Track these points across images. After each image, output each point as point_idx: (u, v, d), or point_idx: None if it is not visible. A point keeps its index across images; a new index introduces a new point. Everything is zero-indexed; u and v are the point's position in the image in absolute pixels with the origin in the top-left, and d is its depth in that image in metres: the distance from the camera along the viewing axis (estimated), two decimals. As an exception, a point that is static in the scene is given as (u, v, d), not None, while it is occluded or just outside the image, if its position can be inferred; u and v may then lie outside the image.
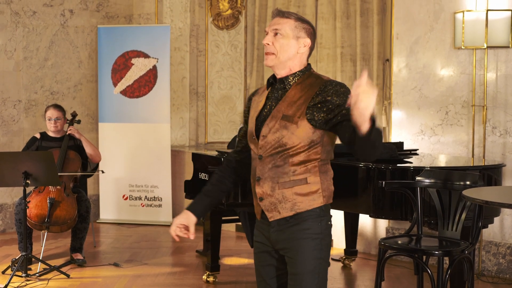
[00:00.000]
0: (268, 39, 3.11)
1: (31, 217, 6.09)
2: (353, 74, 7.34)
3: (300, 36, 3.11)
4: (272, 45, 3.10)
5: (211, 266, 5.91)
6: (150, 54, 8.29)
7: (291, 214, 3.04)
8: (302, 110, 3.01)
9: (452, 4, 6.41)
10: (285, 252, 3.08)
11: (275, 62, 3.11)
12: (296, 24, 3.11)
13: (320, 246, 3.04)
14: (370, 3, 7.19)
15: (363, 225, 6.88)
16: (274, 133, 3.04)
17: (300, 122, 3.00)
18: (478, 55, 6.25)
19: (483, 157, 6.20)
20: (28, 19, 8.04)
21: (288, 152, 3.03)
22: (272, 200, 3.08)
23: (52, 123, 6.53)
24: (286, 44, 3.09)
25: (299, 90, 3.07)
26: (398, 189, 4.97)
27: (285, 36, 3.09)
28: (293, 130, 3.01)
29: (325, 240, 3.06)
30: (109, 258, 6.68)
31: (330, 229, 3.10)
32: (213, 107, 8.67)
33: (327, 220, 3.08)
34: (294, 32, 3.10)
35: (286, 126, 3.02)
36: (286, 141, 3.02)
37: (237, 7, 8.53)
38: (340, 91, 2.99)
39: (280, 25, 3.10)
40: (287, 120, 3.03)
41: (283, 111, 3.05)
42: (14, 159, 5.69)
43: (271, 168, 3.06)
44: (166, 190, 8.30)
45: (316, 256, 3.04)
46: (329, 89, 3.00)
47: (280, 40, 3.10)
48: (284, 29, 3.09)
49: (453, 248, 4.53)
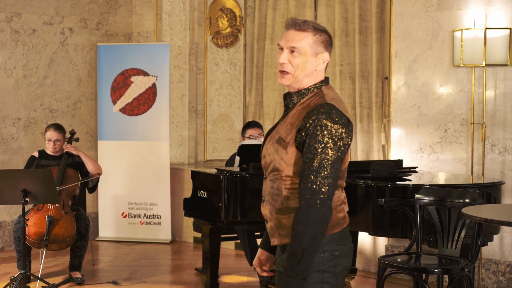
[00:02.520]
0: (284, 58, 2.85)
1: (29, 235, 6.07)
2: (352, 92, 7.35)
3: (318, 52, 2.85)
4: (289, 63, 2.85)
5: (210, 284, 5.89)
6: (149, 72, 8.31)
7: (288, 242, 2.82)
8: (292, 134, 2.80)
9: (450, 22, 6.43)
10: None
11: (292, 81, 2.87)
12: (315, 38, 2.84)
13: (322, 279, 2.80)
14: (368, 22, 7.22)
15: (363, 242, 6.86)
16: (269, 156, 2.87)
17: (289, 147, 2.80)
18: (476, 73, 6.26)
19: (482, 175, 6.20)
20: (27, 37, 8.06)
21: (281, 177, 2.84)
22: (272, 224, 2.93)
23: (51, 144, 6.53)
24: (304, 62, 2.84)
25: (298, 111, 2.84)
26: (398, 206, 4.97)
27: (303, 54, 2.83)
28: (282, 155, 2.81)
29: (329, 272, 2.81)
30: (108, 276, 6.66)
31: (338, 259, 2.84)
32: (212, 125, 8.68)
33: (332, 250, 2.82)
34: (312, 49, 2.84)
35: (278, 150, 2.83)
36: (277, 166, 2.84)
37: (236, 26, 8.56)
38: (319, 122, 2.74)
39: (297, 42, 2.83)
40: (279, 143, 2.83)
41: (280, 133, 2.85)
42: (13, 177, 5.68)
43: (270, 191, 2.91)
44: (165, 208, 8.28)
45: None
46: (315, 115, 2.76)
47: (297, 58, 2.83)
48: (302, 46, 2.83)
49: (452, 266, 4.52)
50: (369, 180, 5.29)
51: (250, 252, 6.20)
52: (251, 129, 6.60)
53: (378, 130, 7.15)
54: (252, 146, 5.95)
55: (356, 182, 5.29)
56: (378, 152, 7.16)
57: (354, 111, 7.32)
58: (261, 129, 6.61)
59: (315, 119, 2.73)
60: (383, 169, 5.54)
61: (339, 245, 2.86)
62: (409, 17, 6.69)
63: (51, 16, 8.23)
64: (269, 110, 8.08)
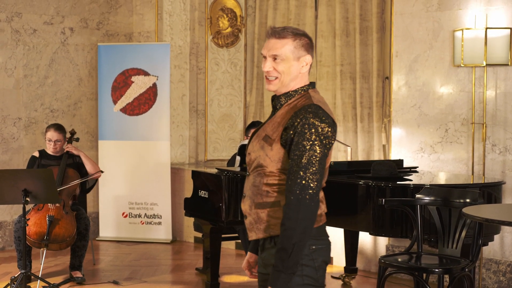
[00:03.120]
0: (269, 66, 2.97)
1: (30, 235, 6.08)
2: (353, 92, 7.35)
3: (300, 56, 2.97)
4: (274, 70, 2.97)
5: (211, 284, 5.89)
6: (150, 72, 8.31)
7: (266, 236, 2.95)
8: (278, 132, 2.92)
9: (451, 22, 6.43)
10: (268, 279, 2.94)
11: (279, 86, 2.99)
12: (295, 43, 2.95)
13: (302, 272, 2.88)
14: (369, 21, 7.22)
15: (363, 242, 6.86)
16: (254, 152, 2.98)
17: (275, 144, 2.91)
18: (477, 73, 6.26)
19: (483, 175, 6.19)
20: (28, 37, 8.06)
21: (264, 173, 2.94)
22: (251, 219, 3.01)
23: (51, 144, 6.53)
24: (288, 67, 2.96)
25: (285, 111, 2.96)
26: (398, 206, 4.97)
27: (285, 59, 2.95)
28: (267, 152, 2.93)
29: (308, 265, 2.90)
30: (109, 276, 6.66)
31: (315, 254, 2.92)
32: (213, 124, 8.68)
33: (309, 245, 2.89)
34: (294, 54, 2.96)
35: (263, 147, 2.94)
36: (261, 162, 2.95)
37: (237, 25, 8.56)
38: (307, 121, 2.86)
39: (278, 49, 2.95)
40: (265, 141, 2.95)
41: (267, 131, 2.97)
42: (13, 176, 5.68)
43: (251, 187, 2.99)
44: (166, 208, 8.28)
45: (298, 283, 2.88)
46: (302, 114, 2.88)
47: (281, 65, 2.96)
48: (284, 53, 2.95)
49: (453, 265, 4.52)
50: (370, 180, 5.29)
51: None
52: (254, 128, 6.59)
53: (379, 130, 7.15)
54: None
55: (357, 182, 5.29)
56: (378, 152, 7.16)
57: (355, 111, 7.32)
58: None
59: (302, 118, 2.85)
60: (384, 169, 5.54)
61: (316, 240, 2.93)
62: (410, 17, 6.69)
63: (51, 16, 8.23)
64: (269, 110, 8.05)
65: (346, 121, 7.35)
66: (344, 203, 5.38)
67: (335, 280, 6.55)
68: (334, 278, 6.59)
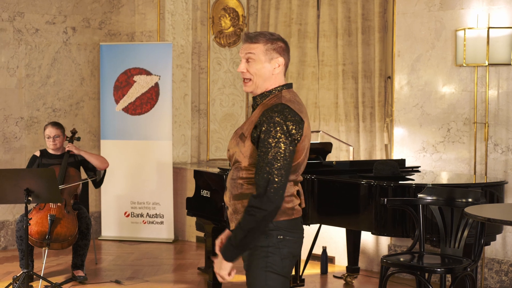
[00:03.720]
0: (242, 67, 3.20)
1: (32, 234, 6.08)
2: (355, 92, 7.35)
3: (272, 58, 3.18)
4: (247, 71, 3.19)
5: (213, 284, 5.89)
6: (152, 72, 8.31)
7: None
8: (250, 130, 3.13)
9: (453, 21, 6.43)
10: (244, 264, 3.26)
11: (253, 88, 3.20)
12: (267, 46, 3.17)
13: (267, 258, 3.11)
14: (371, 21, 7.21)
15: (365, 242, 6.86)
16: (232, 149, 3.21)
17: (246, 141, 3.13)
18: (479, 73, 6.26)
19: (485, 174, 6.19)
20: (30, 37, 8.07)
21: (240, 167, 3.16)
22: (230, 210, 3.24)
23: (51, 141, 6.54)
24: (260, 68, 3.17)
25: (259, 111, 3.16)
26: (400, 206, 4.97)
27: (257, 61, 3.17)
28: (241, 148, 3.15)
29: (273, 253, 3.11)
30: (111, 275, 6.67)
31: (283, 243, 3.13)
32: (215, 124, 8.68)
33: (277, 234, 3.11)
34: (266, 56, 3.17)
35: (238, 143, 3.16)
36: (237, 157, 3.17)
37: (239, 25, 8.56)
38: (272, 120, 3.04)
39: (250, 51, 3.17)
40: (240, 138, 3.16)
41: (243, 130, 3.18)
42: (15, 176, 5.69)
43: (230, 180, 3.23)
44: (168, 207, 8.29)
45: (262, 268, 3.12)
46: (268, 113, 3.07)
47: (253, 66, 3.18)
48: (256, 54, 3.17)
49: (455, 265, 4.52)
50: (372, 180, 5.29)
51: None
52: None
53: (381, 129, 7.15)
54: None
55: (359, 182, 5.29)
56: (380, 151, 7.15)
57: (357, 111, 7.32)
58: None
59: (268, 116, 3.05)
60: (386, 169, 5.54)
61: (285, 231, 3.14)
62: (412, 17, 6.69)
63: (54, 16, 8.23)
64: (271, 110, 8.07)
65: (348, 120, 7.35)
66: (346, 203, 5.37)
67: (337, 279, 6.55)
68: (336, 277, 6.59)
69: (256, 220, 3.02)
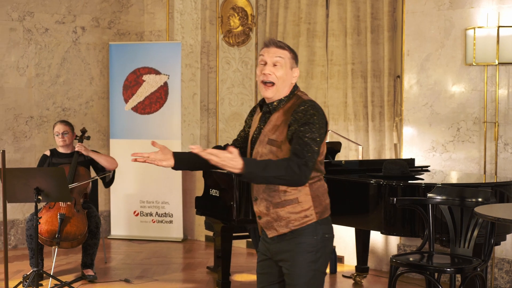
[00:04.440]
0: (270, 69, 3.24)
1: (41, 233, 6.10)
2: (364, 91, 7.33)
3: (293, 66, 3.30)
4: (273, 74, 3.24)
5: (222, 283, 5.90)
6: (161, 71, 8.32)
7: (287, 231, 3.25)
8: (284, 133, 3.19)
9: (463, 20, 6.41)
10: (283, 263, 3.29)
11: (275, 93, 3.27)
12: (290, 55, 3.28)
13: (315, 258, 3.24)
14: (380, 20, 7.20)
15: (375, 242, 6.85)
16: (261, 157, 3.24)
17: (283, 146, 3.19)
18: (489, 72, 6.24)
19: (495, 174, 6.17)
20: (40, 36, 8.09)
21: None
22: (268, 219, 3.29)
23: (60, 137, 6.57)
24: (285, 74, 3.26)
25: (281, 114, 3.24)
26: (410, 205, 4.96)
27: (283, 66, 3.25)
28: (278, 154, 3.20)
29: (320, 252, 3.25)
30: (120, 274, 6.68)
31: (327, 241, 3.28)
32: (224, 123, 8.68)
33: (323, 233, 3.26)
34: (290, 63, 3.28)
35: (272, 150, 3.22)
36: None
37: (248, 24, 8.56)
38: (308, 112, 3.17)
39: (279, 56, 3.25)
40: (271, 144, 3.22)
41: (268, 135, 3.24)
42: (25, 175, 5.71)
43: (265, 190, 3.26)
44: (177, 207, 8.30)
45: (311, 268, 3.23)
46: (300, 110, 3.19)
47: (279, 71, 3.25)
48: (284, 60, 3.25)
49: (465, 265, 4.51)
50: (381, 179, 5.28)
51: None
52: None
53: (390, 129, 7.13)
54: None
55: (368, 181, 5.28)
56: (390, 151, 7.14)
57: (366, 110, 7.31)
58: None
59: (303, 110, 3.17)
60: (395, 168, 5.53)
61: (327, 228, 3.31)
62: (421, 16, 6.67)
63: (63, 15, 8.25)
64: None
65: (357, 120, 7.34)
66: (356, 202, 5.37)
67: (346, 279, 6.54)
68: (345, 277, 6.59)
69: (288, 174, 3.04)
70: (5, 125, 7.88)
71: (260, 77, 3.27)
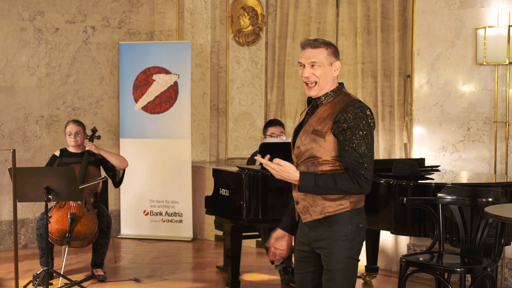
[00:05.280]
0: (308, 72, 3.49)
1: (52, 232, 6.12)
2: (374, 91, 7.32)
3: (332, 62, 3.52)
4: (313, 75, 3.49)
5: (232, 282, 5.90)
6: (171, 70, 8.33)
7: (321, 217, 3.48)
8: (329, 125, 3.43)
9: (473, 20, 6.39)
10: (320, 250, 3.53)
11: (318, 91, 3.53)
12: (327, 51, 3.50)
13: (350, 246, 3.48)
14: (391, 20, 7.19)
15: (384, 241, 6.84)
16: (305, 145, 3.49)
17: (327, 136, 3.43)
18: (500, 71, 6.22)
19: (505, 174, 6.15)
20: (50, 36, 8.12)
21: (318, 161, 3.46)
22: (305, 204, 3.53)
23: (72, 137, 6.59)
24: (324, 72, 3.49)
25: (328, 108, 3.48)
26: (420, 205, 4.94)
27: (321, 65, 3.49)
28: (321, 143, 3.44)
29: (355, 241, 3.49)
30: (130, 273, 6.69)
31: (360, 230, 3.51)
32: (234, 123, 8.68)
33: (357, 222, 3.49)
34: (327, 60, 3.50)
35: (315, 139, 3.45)
36: (315, 152, 3.45)
37: (258, 24, 8.56)
38: (357, 115, 3.39)
39: (315, 57, 3.48)
40: (316, 134, 3.45)
41: (314, 126, 3.48)
42: (36, 174, 5.73)
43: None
44: (187, 206, 8.31)
45: (346, 256, 3.48)
46: (350, 110, 3.40)
47: (318, 70, 3.49)
48: (320, 60, 3.48)
49: (475, 265, 4.49)
50: (391, 179, 5.27)
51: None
52: (273, 127, 6.58)
53: (400, 128, 7.12)
54: (273, 144, 5.95)
55: (378, 181, 5.27)
56: (400, 150, 7.13)
57: (376, 109, 7.30)
58: (282, 127, 6.59)
59: (353, 113, 3.40)
60: (405, 168, 5.51)
61: (361, 219, 3.54)
62: (432, 15, 6.65)
63: (73, 15, 8.28)
64: (290, 108, 8.07)
65: (367, 119, 7.32)
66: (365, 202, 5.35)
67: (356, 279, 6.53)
68: (355, 277, 6.57)
69: (350, 188, 3.39)
70: (15, 125, 7.91)
71: (302, 78, 3.54)
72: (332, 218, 3.47)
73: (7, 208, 7.85)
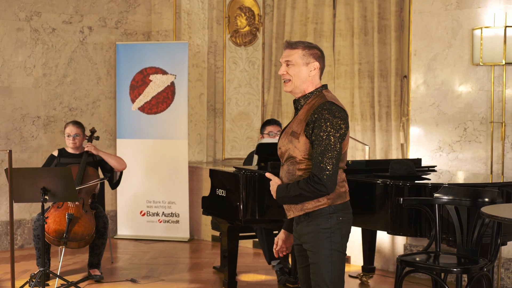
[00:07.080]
0: (282, 70, 3.71)
1: (49, 232, 6.11)
2: (371, 91, 7.33)
3: (309, 62, 3.67)
4: (287, 73, 3.69)
5: (228, 283, 5.90)
6: (168, 71, 8.33)
7: (301, 214, 3.65)
8: (302, 127, 3.61)
9: (470, 20, 6.40)
10: (305, 246, 3.69)
11: (292, 88, 3.70)
12: (304, 52, 3.67)
13: (331, 239, 3.62)
14: (387, 20, 7.19)
15: (381, 242, 6.84)
16: (284, 146, 3.70)
17: (301, 137, 3.61)
18: (496, 72, 6.23)
19: (501, 174, 6.16)
20: (47, 36, 8.11)
21: (295, 161, 3.64)
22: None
23: (71, 139, 6.58)
24: (298, 71, 3.67)
25: (305, 110, 3.64)
26: (416, 206, 4.95)
27: (295, 64, 3.67)
28: (295, 144, 3.62)
29: (335, 233, 3.62)
30: (127, 274, 6.69)
31: (342, 223, 3.65)
32: (231, 123, 8.69)
33: (337, 216, 3.63)
34: (303, 60, 3.67)
35: (292, 140, 3.64)
36: (291, 153, 3.65)
37: (255, 24, 8.56)
38: (323, 117, 3.54)
39: (290, 56, 3.68)
40: (292, 135, 3.64)
41: (292, 128, 3.67)
42: (32, 175, 5.72)
43: (286, 174, 3.70)
44: (184, 206, 8.30)
45: (328, 247, 3.62)
46: (318, 111, 3.56)
47: (292, 69, 3.68)
48: (294, 59, 3.67)
49: (471, 265, 4.50)
50: (388, 179, 5.27)
51: (268, 250, 6.21)
52: (271, 126, 6.60)
53: (397, 128, 7.12)
54: (270, 145, 5.95)
55: (375, 181, 5.27)
56: (396, 151, 7.13)
57: (373, 110, 7.30)
58: (280, 127, 6.60)
59: (319, 114, 3.55)
60: (402, 168, 5.51)
61: (343, 213, 3.66)
62: (429, 16, 6.66)
63: (70, 15, 8.27)
64: (287, 109, 8.07)
65: (364, 120, 7.33)
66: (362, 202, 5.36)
67: (352, 279, 6.54)
68: (352, 277, 6.58)
69: (308, 191, 3.54)
70: (12, 125, 7.90)
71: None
72: (312, 214, 3.63)
73: (3, 208, 7.84)
